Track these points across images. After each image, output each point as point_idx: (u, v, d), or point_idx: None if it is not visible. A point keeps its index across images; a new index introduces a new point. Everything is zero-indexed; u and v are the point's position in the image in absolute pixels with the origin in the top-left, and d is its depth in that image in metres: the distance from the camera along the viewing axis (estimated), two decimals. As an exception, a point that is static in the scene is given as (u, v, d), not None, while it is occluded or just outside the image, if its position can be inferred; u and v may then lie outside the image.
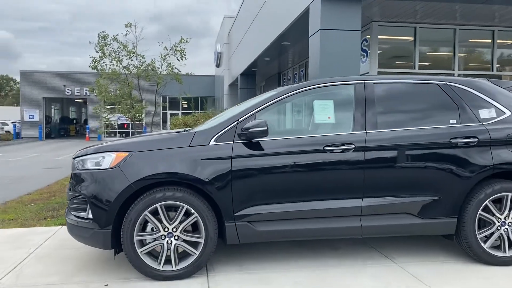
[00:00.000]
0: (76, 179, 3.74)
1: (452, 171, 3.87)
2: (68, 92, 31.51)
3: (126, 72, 16.10)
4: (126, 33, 16.29)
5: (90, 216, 3.61)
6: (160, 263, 3.61)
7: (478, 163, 3.88)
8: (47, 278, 3.70)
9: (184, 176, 3.60)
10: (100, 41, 15.83)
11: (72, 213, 3.78)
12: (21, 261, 4.13)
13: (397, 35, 10.42)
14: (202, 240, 3.64)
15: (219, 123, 3.86)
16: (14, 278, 3.71)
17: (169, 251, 3.62)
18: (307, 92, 4.02)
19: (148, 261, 3.60)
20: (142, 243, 3.62)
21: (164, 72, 16.37)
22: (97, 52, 15.82)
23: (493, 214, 3.94)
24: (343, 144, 3.78)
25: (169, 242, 3.62)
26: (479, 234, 3.92)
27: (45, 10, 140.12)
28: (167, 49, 16.48)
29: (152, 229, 3.63)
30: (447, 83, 4.13)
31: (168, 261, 3.63)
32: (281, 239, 3.92)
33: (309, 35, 7.17)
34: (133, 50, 16.24)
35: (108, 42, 15.67)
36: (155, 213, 3.59)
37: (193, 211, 3.61)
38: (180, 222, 3.63)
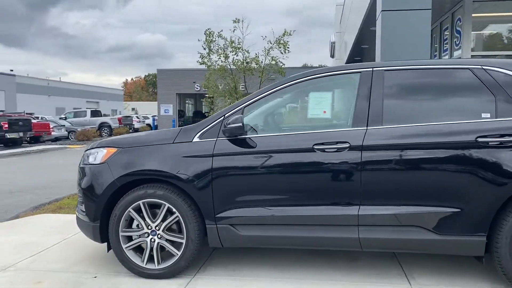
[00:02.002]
0: (80, 172, 3.91)
1: (479, 178, 3.08)
2: (197, 88, 33.77)
3: (232, 67, 16.59)
4: (234, 29, 16.75)
5: (84, 209, 3.74)
6: (143, 261, 3.58)
7: (516, 169, 3.03)
8: (54, 264, 3.96)
9: (164, 174, 3.50)
10: (207, 38, 16.56)
11: (78, 205, 3.97)
12: (50, 247, 4.49)
13: (498, 12, 8.63)
14: (184, 241, 3.51)
15: (207, 119, 3.66)
16: (30, 262, 4.04)
17: (152, 249, 3.57)
18: (305, 83, 3.57)
19: (132, 257, 3.60)
20: (129, 239, 3.63)
21: (267, 65, 16.47)
22: (204, 49, 16.57)
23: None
24: (336, 143, 3.28)
25: (152, 240, 3.56)
26: (519, 259, 3.07)
27: (192, 12, 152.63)
28: (270, 43, 16.53)
29: (137, 226, 3.62)
30: (483, 66, 3.29)
31: (152, 259, 3.58)
32: (266, 245, 3.58)
33: (376, 20, 6.44)
34: (239, 46, 16.65)
35: (214, 39, 16.29)
36: (139, 210, 3.57)
37: (174, 210, 3.50)
38: (162, 221, 3.55)
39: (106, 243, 3.71)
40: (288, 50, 16.23)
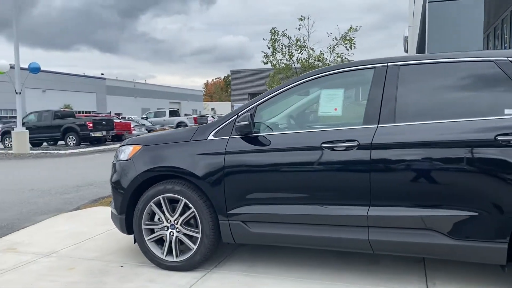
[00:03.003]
0: (112, 168, 4.17)
1: (499, 179, 2.84)
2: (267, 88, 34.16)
3: (297, 66, 16.57)
4: (300, 27, 16.74)
5: (113, 202, 4.01)
6: (163, 253, 3.75)
7: (542, 170, 2.74)
8: (91, 253, 4.29)
9: (180, 170, 3.64)
10: (272, 37, 16.70)
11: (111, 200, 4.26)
12: (93, 237, 4.86)
13: None
14: (199, 236, 3.63)
15: (222, 117, 3.74)
16: (72, 250, 4.41)
17: (171, 242, 3.73)
18: (317, 80, 3.51)
19: (154, 249, 3.79)
20: (151, 232, 3.83)
21: (332, 63, 16.24)
22: (269, 48, 16.72)
23: None
24: (345, 141, 3.19)
25: (171, 233, 3.72)
26: (546, 269, 2.78)
27: (273, 12, 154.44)
28: (336, 40, 16.26)
29: (158, 219, 3.80)
30: (509, 58, 3.01)
31: (171, 251, 3.75)
32: (276, 243, 3.57)
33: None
34: (303, 44, 16.58)
35: (278, 38, 16.38)
36: (159, 204, 3.74)
37: (190, 205, 3.63)
38: (180, 215, 3.69)
39: (133, 235, 3.94)
40: (354, 46, 15.86)
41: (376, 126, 3.16)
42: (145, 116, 36.08)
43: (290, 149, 3.35)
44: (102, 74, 66.59)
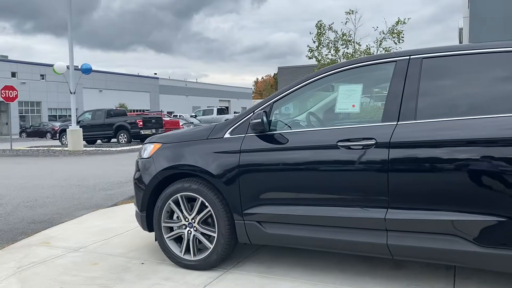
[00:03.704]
0: (135, 165, 4.22)
1: (530, 182, 2.57)
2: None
3: (343, 61, 16.20)
4: (346, 21, 16.37)
5: (135, 200, 4.06)
6: (181, 251, 3.75)
7: None
8: (117, 249, 4.37)
9: (197, 169, 3.61)
10: (318, 31, 16.42)
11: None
12: (122, 233, 4.96)
13: None
14: (215, 235, 3.58)
15: (238, 115, 3.67)
16: (99, 245, 4.52)
17: (189, 241, 3.71)
18: (335, 76, 3.35)
19: (173, 247, 3.79)
20: (170, 230, 3.83)
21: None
22: (314, 42, 16.45)
23: None
24: (362, 139, 3.03)
25: (189, 232, 3.71)
26: None
27: (324, 7, 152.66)
28: (383, 33, 15.74)
29: (177, 217, 3.80)
30: (544, 48, 2.72)
31: (189, 250, 3.73)
32: (291, 245, 3.45)
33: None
34: (349, 38, 16.18)
35: (323, 32, 16.08)
36: (177, 202, 3.74)
37: (207, 204, 3.59)
38: (197, 214, 3.67)
39: (145, 230, 3.97)
40: (402, 40, 15.27)
41: (396, 123, 2.97)
42: (194, 114, 36.81)
43: (305, 148, 3.23)
44: (155, 74, 68.74)
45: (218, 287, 3.37)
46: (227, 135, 3.58)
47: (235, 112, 41.53)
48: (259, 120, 3.27)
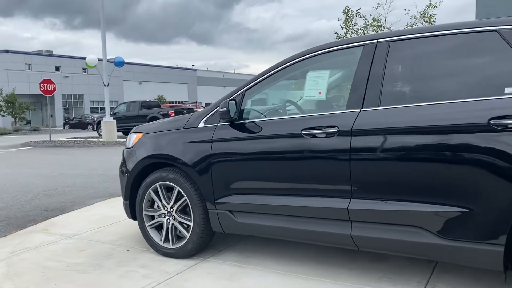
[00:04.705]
0: (122, 155, 4.28)
1: (494, 171, 2.41)
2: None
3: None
4: (377, 6, 15.91)
5: (121, 188, 4.14)
6: (161, 239, 3.79)
7: (545, 160, 2.27)
8: (108, 237, 4.48)
9: (172, 158, 3.62)
10: (346, 17, 16.04)
11: (125, 185, 4.39)
12: (118, 221, 5.07)
13: None
14: (191, 224, 3.60)
15: (213, 104, 3.64)
16: (93, 233, 4.65)
17: (168, 229, 3.75)
18: (305, 62, 3.25)
19: (154, 235, 3.84)
20: (152, 218, 3.88)
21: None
22: (342, 28, 16.08)
23: None
24: (325, 127, 2.93)
25: (168, 220, 3.74)
26: (551, 280, 2.32)
27: None
28: (415, 18, 15.17)
29: (157, 206, 3.84)
30: (514, 27, 2.52)
31: (169, 238, 3.77)
32: (261, 235, 3.41)
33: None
34: (380, 24, 15.72)
35: (351, 17, 15.68)
36: (157, 192, 3.77)
37: (183, 193, 3.61)
38: (175, 203, 3.69)
39: (129, 218, 4.04)
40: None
41: (359, 110, 2.85)
42: (253, 104, 36.94)
43: (272, 137, 3.17)
44: (193, 65, 69.60)
45: (190, 275, 3.38)
46: (201, 125, 3.56)
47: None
48: (225, 108, 3.23)
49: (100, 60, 19.80)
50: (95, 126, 25.02)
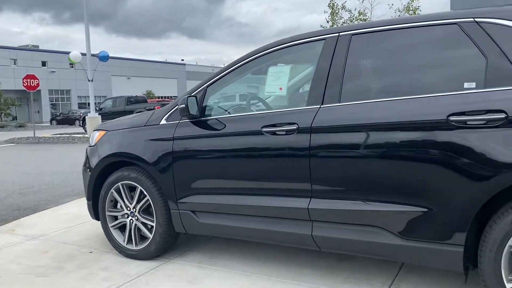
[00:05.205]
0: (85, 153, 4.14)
1: (452, 169, 2.33)
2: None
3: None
4: (363, 0, 15.83)
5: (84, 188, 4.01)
6: (125, 240, 3.68)
7: (503, 158, 2.19)
8: (73, 237, 4.34)
9: (133, 156, 3.51)
10: (331, 11, 15.95)
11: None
12: (88, 221, 4.90)
13: None
14: (154, 224, 3.49)
15: (175, 100, 3.53)
16: (60, 233, 4.51)
17: (131, 230, 3.64)
18: (267, 56, 3.14)
19: (117, 236, 3.73)
20: (115, 219, 3.76)
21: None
22: (328, 22, 15.99)
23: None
24: (285, 124, 2.83)
25: (131, 221, 3.63)
26: (510, 281, 2.25)
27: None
28: (399, 11, 15.11)
29: (121, 206, 3.72)
30: (475, 19, 2.43)
31: (132, 240, 3.65)
32: (224, 235, 3.31)
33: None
34: (365, 18, 15.64)
35: (336, 11, 15.60)
36: (119, 191, 3.66)
37: (145, 193, 3.50)
38: (137, 203, 3.58)
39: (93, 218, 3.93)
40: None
41: (319, 106, 2.75)
42: (216, 100, 36.69)
43: (232, 135, 3.06)
44: (183, 60, 69.13)
45: (151, 277, 3.28)
46: (163, 122, 3.45)
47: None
48: (183, 105, 3.12)
49: (84, 55, 19.51)
50: (81, 122, 24.69)
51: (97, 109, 21.76)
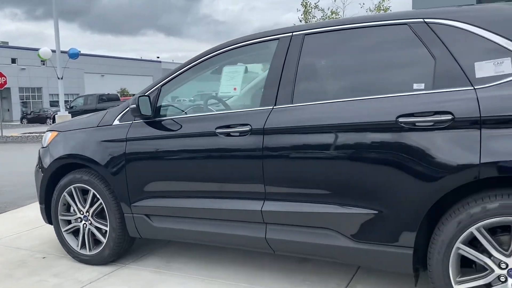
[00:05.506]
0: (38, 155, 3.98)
1: (400, 171, 2.31)
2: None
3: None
4: (335, -1, 15.90)
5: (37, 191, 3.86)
6: (78, 245, 3.55)
7: (451, 160, 2.18)
8: (29, 242, 4.18)
9: (85, 158, 3.39)
10: (304, 9, 15.99)
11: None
12: (45, 224, 4.76)
13: None
14: (108, 229, 3.38)
15: (128, 100, 3.42)
16: (15, 238, 4.34)
17: (84, 234, 3.52)
18: (220, 57, 3.06)
19: (70, 241, 3.60)
20: (68, 223, 3.63)
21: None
22: (301, 21, 16.02)
23: (483, 250, 2.17)
24: (239, 125, 2.76)
25: (85, 225, 3.51)
26: (458, 283, 2.24)
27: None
28: (370, 10, 15.25)
29: (74, 210, 3.59)
30: (425, 19, 2.41)
31: (86, 244, 3.53)
32: (179, 239, 3.24)
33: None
34: (338, 17, 15.71)
35: (309, 10, 15.65)
36: (72, 195, 3.53)
37: (98, 196, 3.38)
38: (90, 207, 3.46)
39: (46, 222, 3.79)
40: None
41: (272, 108, 2.69)
42: (192, 98, 36.43)
43: (186, 136, 2.98)
44: (158, 57, 68.33)
45: (104, 283, 3.17)
46: (116, 122, 3.33)
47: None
48: (134, 105, 3.02)
49: (54, 51, 19.05)
50: (51, 120, 24.13)
51: (68, 107, 21.28)
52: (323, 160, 2.51)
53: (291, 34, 2.78)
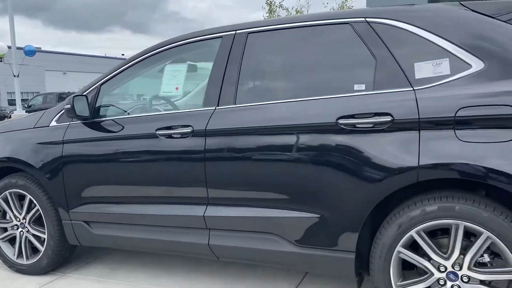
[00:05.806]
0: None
1: (340, 174, 2.25)
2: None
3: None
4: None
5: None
6: (15, 254, 3.35)
7: (391, 162, 2.13)
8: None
9: (20, 162, 3.18)
10: (269, 8, 15.96)
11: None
12: None
13: None
14: (46, 236, 3.19)
15: (66, 100, 3.24)
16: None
17: (21, 243, 3.31)
18: (162, 55, 2.93)
19: (6, 249, 3.39)
20: (4, 230, 3.41)
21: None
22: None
23: (423, 254, 2.14)
24: (180, 127, 2.64)
25: (22, 233, 3.30)
26: (399, 287, 2.20)
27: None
28: (333, 10, 15.35)
29: (10, 217, 3.38)
30: (367, 19, 2.36)
31: (22, 253, 3.33)
32: (121, 247, 3.09)
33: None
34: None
35: (274, 9, 15.63)
36: (7, 200, 3.31)
37: (35, 202, 3.19)
38: (27, 213, 3.26)
39: None
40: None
41: (214, 108, 2.59)
42: (112, 100, 36.12)
43: (125, 138, 2.83)
44: (123, 54, 66.93)
45: (40, 295, 2.99)
46: (53, 123, 3.15)
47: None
48: (69, 106, 2.85)
49: (10, 48, 18.28)
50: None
51: (26, 106, 20.50)
52: (265, 163, 2.43)
53: (234, 32, 2.68)
